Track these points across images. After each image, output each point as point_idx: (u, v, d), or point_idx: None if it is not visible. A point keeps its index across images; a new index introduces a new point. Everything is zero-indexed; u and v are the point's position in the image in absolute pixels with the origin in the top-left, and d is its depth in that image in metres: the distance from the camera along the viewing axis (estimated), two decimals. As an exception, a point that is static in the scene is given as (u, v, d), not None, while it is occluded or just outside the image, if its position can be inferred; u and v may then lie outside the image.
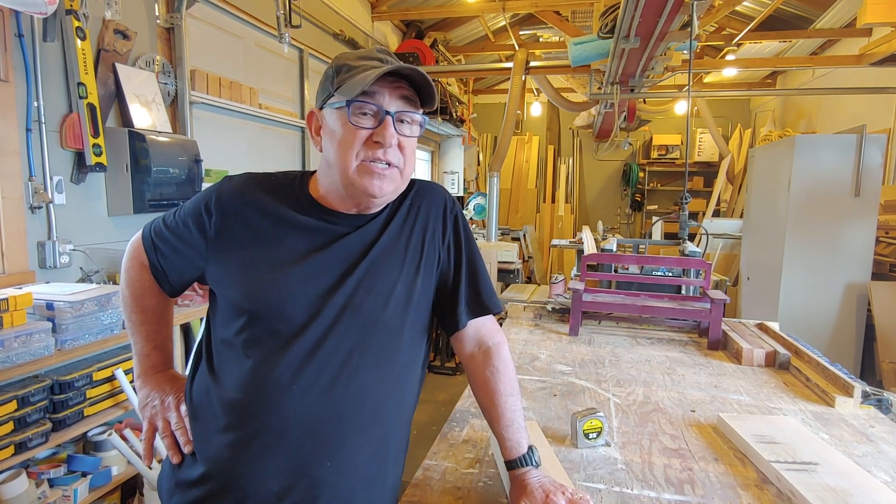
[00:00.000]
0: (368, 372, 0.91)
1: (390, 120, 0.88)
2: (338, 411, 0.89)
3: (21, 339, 1.64)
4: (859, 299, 3.54)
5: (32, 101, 2.07)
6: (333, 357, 0.89)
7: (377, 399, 0.92)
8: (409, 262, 0.97)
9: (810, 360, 1.70)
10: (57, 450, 1.97)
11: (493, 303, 1.05)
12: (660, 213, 8.40)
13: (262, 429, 0.87)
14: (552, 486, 0.89)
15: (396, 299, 0.94)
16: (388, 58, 0.92)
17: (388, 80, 0.88)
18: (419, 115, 0.93)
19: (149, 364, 1.05)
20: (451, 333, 1.05)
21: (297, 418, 0.87)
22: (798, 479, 1.00)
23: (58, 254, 2.17)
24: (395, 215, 0.99)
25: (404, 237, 0.98)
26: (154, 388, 1.02)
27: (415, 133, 0.93)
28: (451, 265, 1.03)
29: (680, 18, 2.95)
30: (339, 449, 0.89)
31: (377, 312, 0.92)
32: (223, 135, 3.26)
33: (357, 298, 0.91)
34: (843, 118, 5.45)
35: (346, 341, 0.90)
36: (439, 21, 6.16)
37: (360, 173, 0.89)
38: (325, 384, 0.88)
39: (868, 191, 3.46)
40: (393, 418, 0.96)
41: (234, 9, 3.26)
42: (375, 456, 0.94)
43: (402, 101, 0.90)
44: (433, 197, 1.04)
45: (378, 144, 0.88)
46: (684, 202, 2.48)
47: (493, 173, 4.90)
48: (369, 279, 0.93)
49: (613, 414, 1.37)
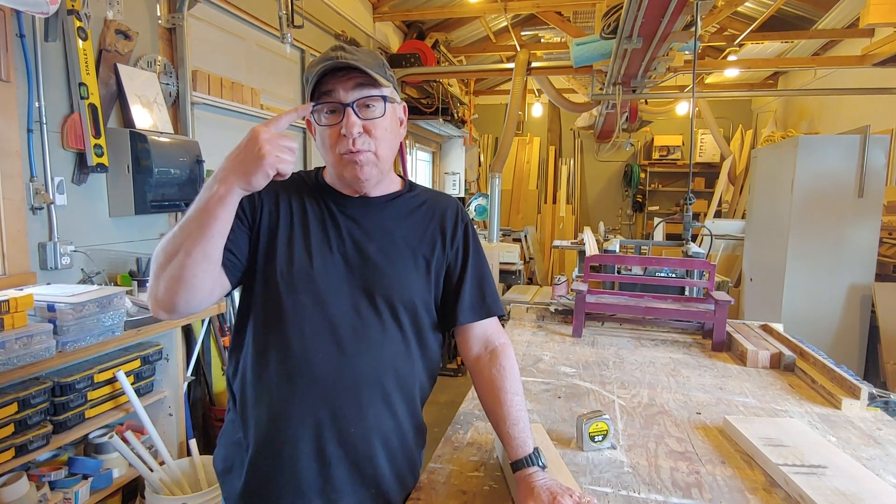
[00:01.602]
0: (376, 345, 0.99)
1: (350, 111, 0.95)
2: (355, 379, 0.97)
3: (22, 341, 1.63)
4: (863, 300, 3.53)
5: (34, 102, 2.06)
6: (347, 327, 0.97)
7: (387, 371, 1.00)
8: (419, 255, 1.05)
9: (815, 361, 1.69)
10: (58, 452, 1.96)
11: (497, 306, 1.11)
12: (661, 214, 8.38)
13: (293, 393, 0.96)
14: (559, 489, 0.88)
15: (406, 284, 1.02)
16: (339, 53, 0.94)
17: (339, 75, 0.95)
18: (379, 92, 0.97)
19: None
20: (450, 328, 1.11)
21: (328, 383, 0.96)
22: (807, 482, 0.99)
23: (59, 255, 2.16)
24: (408, 209, 1.09)
25: (417, 232, 1.07)
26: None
27: (378, 113, 0.98)
28: (457, 267, 1.10)
29: (683, 19, 2.93)
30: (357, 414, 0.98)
31: (386, 289, 1.00)
32: (225, 135, 3.25)
33: (368, 275, 1.00)
34: (845, 119, 5.44)
35: (357, 313, 0.98)
36: (441, 22, 6.16)
37: (342, 166, 0.99)
38: (342, 354, 0.96)
39: (872, 191, 3.45)
40: (404, 386, 1.03)
41: (235, 9, 3.26)
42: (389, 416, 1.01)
43: (357, 89, 0.95)
44: (447, 206, 1.13)
45: (345, 137, 0.96)
46: (689, 203, 2.47)
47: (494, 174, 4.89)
48: (381, 258, 1.02)
49: (618, 416, 1.36)
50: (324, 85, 0.96)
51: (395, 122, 1.04)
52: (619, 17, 3.29)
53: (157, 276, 0.89)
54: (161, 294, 0.88)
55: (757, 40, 5.47)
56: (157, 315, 0.92)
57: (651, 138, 8.64)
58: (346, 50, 0.94)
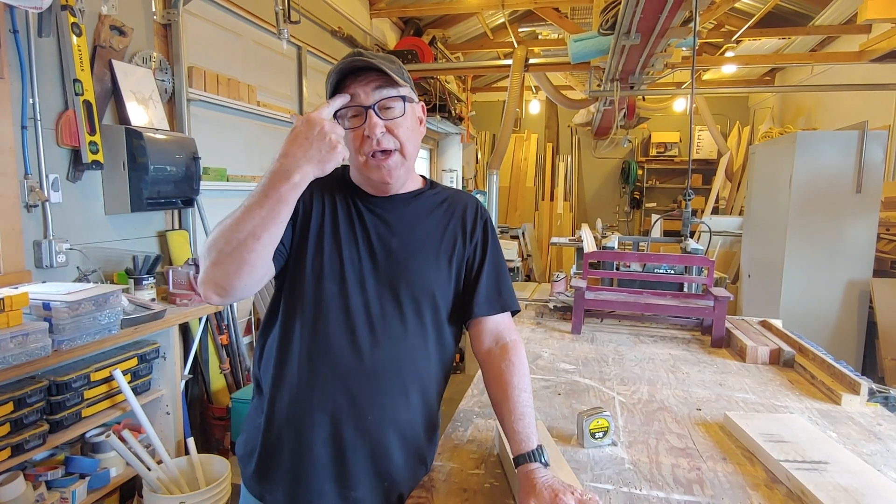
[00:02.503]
0: (397, 337, 1.02)
1: (371, 113, 0.98)
2: (375, 369, 1.00)
3: (17, 340, 1.61)
4: (861, 296, 3.53)
5: (28, 98, 2.04)
6: (369, 316, 1.01)
7: (406, 363, 1.03)
8: (441, 250, 1.09)
9: (815, 357, 1.69)
10: (54, 451, 1.94)
11: (513, 301, 1.14)
12: (659, 211, 8.39)
13: (315, 377, 0.99)
14: (561, 487, 0.88)
15: (428, 279, 1.05)
16: (360, 59, 0.97)
17: (359, 78, 0.99)
18: (397, 92, 1.01)
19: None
20: (465, 321, 1.13)
21: (349, 371, 0.99)
22: (808, 478, 0.99)
23: (54, 253, 2.14)
24: (430, 205, 1.12)
25: (439, 228, 1.10)
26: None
27: (398, 113, 1.01)
28: (475, 262, 1.12)
29: (681, 14, 2.93)
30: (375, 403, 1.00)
31: (408, 282, 1.04)
32: (221, 132, 3.23)
33: (391, 269, 1.04)
34: (842, 115, 5.44)
35: (380, 305, 1.02)
36: (438, 18, 6.13)
37: (368, 168, 1.02)
38: (363, 343, 0.99)
39: (869, 187, 3.45)
40: (420, 379, 1.06)
41: (231, 5, 3.23)
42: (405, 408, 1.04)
43: (377, 91, 0.99)
44: (467, 203, 1.16)
45: (369, 138, 0.99)
46: (687, 199, 2.46)
47: (492, 171, 4.88)
48: (404, 252, 1.05)
49: (619, 413, 1.36)
50: (344, 88, 1.00)
51: (415, 121, 1.07)
52: (617, 12, 3.28)
53: (218, 261, 0.89)
54: (220, 277, 0.90)
55: (754, 36, 5.47)
56: (209, 299, 0.92)
57: (648, 135, 8.64)
58: (364, 53, 0.98)
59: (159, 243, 2.77)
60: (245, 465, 1.09)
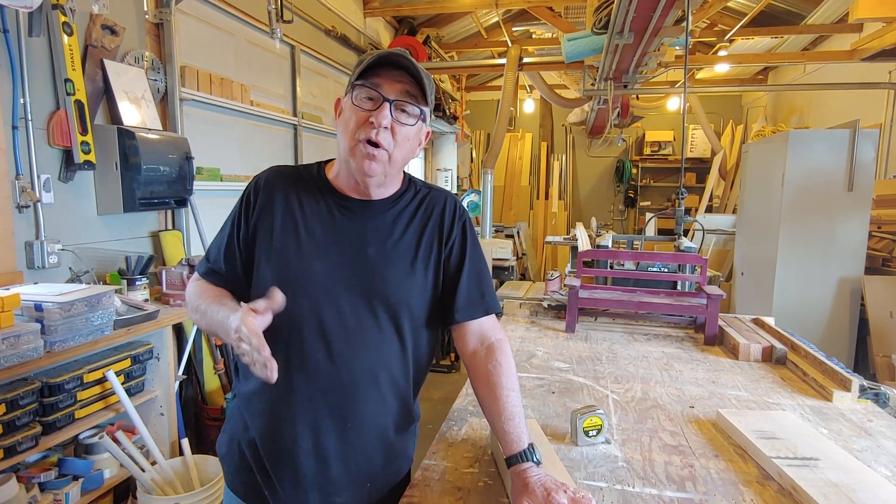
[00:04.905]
0: (373, 346, 1.01)
1: (387, 105, 0.97)
2: (353, 378, 1.00)
3: (9, 341, 1.60)
4: (853, 293, 3.56)
5: (18, 98, 2.03)
6: (344, 329, 1.00)
7: (383, 370, 1.03)
8: (418, 257, 1.06)
9: (807, 354, 1.70)
10: (47, 453, 1.94)
11: (494, 303, 1.12)
12: (653, 210, 8.42)
13: (292, 391, 0.99)
14: (554, 485, 0.88)
15: (404, 288, 1.04)
16: (406, 59, 0.98)
17: (392, 75, 0.98)
18: (418, 109, 1.01)
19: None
20: (448, 325, 1.11)
21: (327, 383, 0.99)
22: (800, 474, 1.00)
23: (46, 254, 2.13)
24: (407, 210, 1.09)
25: (416, 234, 1.08)
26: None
27: (410, 122, 1.01)
28: (453, 264, 1.10)
29: (674, 13, 2.94)
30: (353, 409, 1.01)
31: (383, 293, 1.02)
32: (214, 132, 3.22)
33: (366, 279, 1.02)
34: (835, 113, 5.48)
35: (355, 316, 1.00)
36: (432, 17, 6.13)
37: (354, 153, 0.99)
38: (339, 355, 0.99)
39: (861, 185, 3.48)
40: (397, 383, 1.05)
41: (224, 4, 3.22)
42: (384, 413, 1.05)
43: (403, 94, 0.99)
44: (447, 204, 1.13)
45: (372, 124, 0.97)
46: (681, 197, 2.47)
47: (486, 170, 4.88)
48: (379, 262, 1.03)
49: (612, 411, 1.36)
50: (374, 74, 0.98)
51: (417, 139, 1.05)
52: (610, 12, 3.29)
53: (195, 319, 1.04)
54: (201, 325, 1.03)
55: (747, 35, 5.49)
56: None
57: (642, 134, 8.68)
58: (410, 57, 0.99)
59: (152, 244, 2.76)
60: (227, 465, 1.11)
